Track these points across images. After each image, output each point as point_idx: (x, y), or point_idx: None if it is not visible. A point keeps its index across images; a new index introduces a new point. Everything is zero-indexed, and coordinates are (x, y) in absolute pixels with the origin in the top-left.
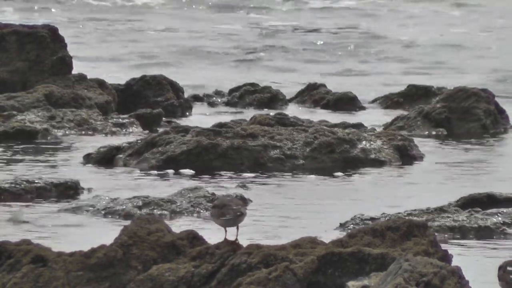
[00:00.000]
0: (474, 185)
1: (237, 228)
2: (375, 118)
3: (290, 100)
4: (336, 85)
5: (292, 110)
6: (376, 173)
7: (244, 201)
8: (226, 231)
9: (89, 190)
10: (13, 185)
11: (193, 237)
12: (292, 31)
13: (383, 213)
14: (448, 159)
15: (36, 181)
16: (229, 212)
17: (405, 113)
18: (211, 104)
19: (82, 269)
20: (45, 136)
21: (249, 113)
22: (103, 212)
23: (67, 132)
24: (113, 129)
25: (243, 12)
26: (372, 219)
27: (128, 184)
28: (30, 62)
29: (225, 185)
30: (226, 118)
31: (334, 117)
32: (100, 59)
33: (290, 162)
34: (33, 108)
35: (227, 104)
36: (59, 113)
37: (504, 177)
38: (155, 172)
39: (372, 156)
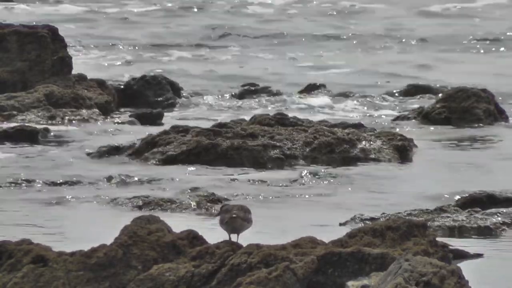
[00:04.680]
0: (474, 185)
1: (237, 235)
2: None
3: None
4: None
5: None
6: (376, 173)
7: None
8: (229, 236)
9: (88, 189)
10: (13, 185)
11: (193, 237)
12: None
13: (383, 213)
14: (447, 159)
15: (36, 181)
16: (226, 216)
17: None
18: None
19: (82, 269)
20: (45, 136)
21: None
22: (103, 211)
23: (66, 132)
24: (113, 128)
25: None
26: (372, 219)
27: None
28: (30, 62)
29: (224, 185)
30: (226, 118)
31: (334, 117)
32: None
33: (290, 162)
34: (33, 108)
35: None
36: (59, 113)
37: (504, 177)
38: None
39: (372, 156)
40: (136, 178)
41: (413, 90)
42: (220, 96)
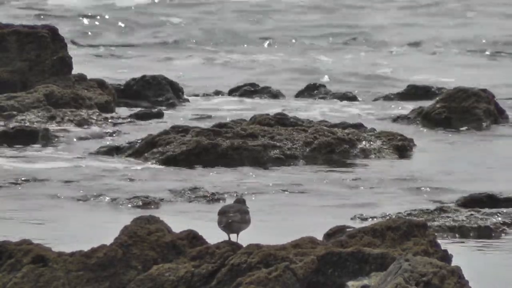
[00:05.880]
0: (474, 185)
1: (237, 235)
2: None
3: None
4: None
5: (291, 110)
6: (376, 173)
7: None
8: (229, 237)
9: (88, 189)
10: (13, 185)
11: (193, 237)
12: None
13: (383, 213)
14: (447, 159)
15: (36, 181)
16: (223, 220)
17: (405, 113)
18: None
19: (82, 269)
20: (45, 136)
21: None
22: (103, 211)
23: (66, 132)
24: (113, 129)
25: None
26: (372, 219)
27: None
28: (30, 62)
29: (224, 185)
30: (226, 118)
31: (333, 117)
32: None
33: (290, 162)
34: (33, 108)
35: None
36: (59, 113)
37: (504, 177)
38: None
39: (372, 156)
40: (136, 178)
41: (413, 91)
42: (220, 96)
